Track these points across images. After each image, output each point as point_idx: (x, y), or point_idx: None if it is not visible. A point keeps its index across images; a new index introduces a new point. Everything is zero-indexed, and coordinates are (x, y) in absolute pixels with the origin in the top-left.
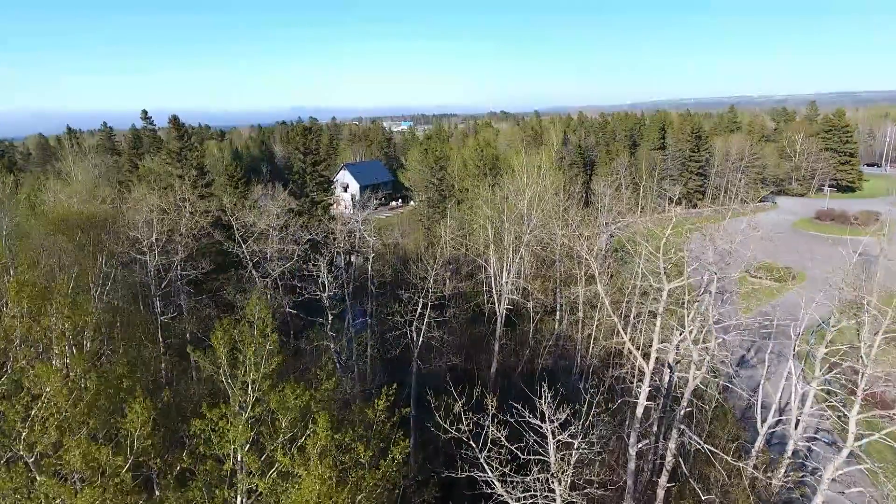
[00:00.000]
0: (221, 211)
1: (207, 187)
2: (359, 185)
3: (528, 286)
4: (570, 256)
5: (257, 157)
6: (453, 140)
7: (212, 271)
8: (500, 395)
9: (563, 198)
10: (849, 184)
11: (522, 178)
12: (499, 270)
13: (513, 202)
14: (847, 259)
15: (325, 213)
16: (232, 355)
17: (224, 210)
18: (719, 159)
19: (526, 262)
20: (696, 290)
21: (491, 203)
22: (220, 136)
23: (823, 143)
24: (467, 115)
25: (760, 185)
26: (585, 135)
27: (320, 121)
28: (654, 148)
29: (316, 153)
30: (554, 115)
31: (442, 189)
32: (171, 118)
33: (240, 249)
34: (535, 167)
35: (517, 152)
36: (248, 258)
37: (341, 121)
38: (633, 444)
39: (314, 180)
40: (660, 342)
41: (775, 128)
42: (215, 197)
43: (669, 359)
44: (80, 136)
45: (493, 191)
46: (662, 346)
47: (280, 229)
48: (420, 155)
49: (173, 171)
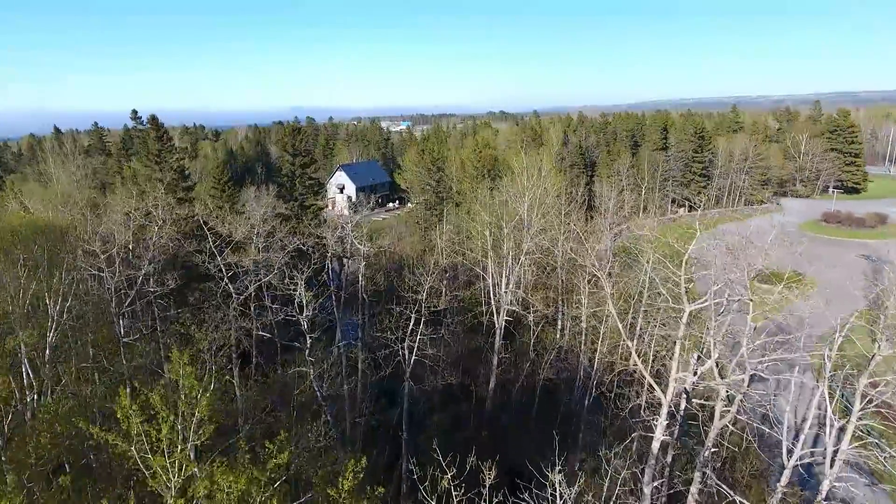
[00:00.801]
0: (195, 218)
1: (188, 191)
2: (355, 186)
3: (529, 298)
4: (572, 264)
5: (252, 157)
6: (451, 140)
7: (183, 286)
8: (500, 408)
9: (564, 201)
10: (854, 185)
11: (522, 180)
12: (498, 280)
13: (513, 207)
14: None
15: (315, 217)
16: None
17: (199, 217)
18: (723, 160)
19: (526, 268)
20: (717, 308)
21: (490, 208)
22: (214, 136)
23: (828, 144)
24: (466, 116)
25: (764, 187)
26: (586, 135)
27: (318, 121)
28: (657, 149)
29: (306, 155)
30: (553, 114)
31: (439, 191)
32: (150, 118)
33: (212, 262)
34: (535, 168)
35: (517, 153)
36: (222, 272)
37: (339, 121)
38: (647, 482)
39: (304, 183)
40: (679, 371)
41: (778, 128)
42: (198, 201)
43: (687, 385)
44: (78, 136)
45: (492, 194)
46: (681, 376)
47: (266, 236)
48: (417, 156)
49: (152, 174)
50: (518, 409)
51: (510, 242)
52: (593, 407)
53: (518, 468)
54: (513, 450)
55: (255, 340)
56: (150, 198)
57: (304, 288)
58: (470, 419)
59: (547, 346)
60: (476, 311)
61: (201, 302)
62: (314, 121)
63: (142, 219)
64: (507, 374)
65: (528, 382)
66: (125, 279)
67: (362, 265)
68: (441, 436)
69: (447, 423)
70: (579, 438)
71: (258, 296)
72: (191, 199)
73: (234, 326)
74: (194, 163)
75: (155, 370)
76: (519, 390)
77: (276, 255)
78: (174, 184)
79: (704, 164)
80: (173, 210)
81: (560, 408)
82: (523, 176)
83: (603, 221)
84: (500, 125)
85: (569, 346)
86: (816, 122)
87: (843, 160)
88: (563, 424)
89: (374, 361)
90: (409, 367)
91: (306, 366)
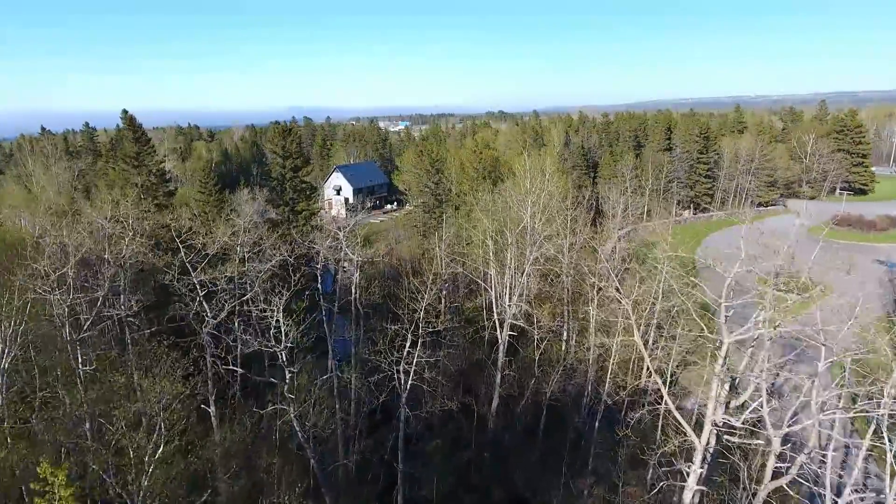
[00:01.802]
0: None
1: (170, 196)
2: (352, 188)
3: (534, 312)
4: (578, 272)
5: (248, 158)
6: (451, 141)
7: (156, 305)
8: (503, 428)
9: (570, 205)
10: (862, 186)
11: (525, 183)
12: (501, 291)
13: (515, 212)
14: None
15: (306, 223)
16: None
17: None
18: (729, 161)
19: (531, 279)
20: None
21: (491, 214)
22: (210, 136)
23: (835, 144)
24: (465, 116)
25: (771, 188)
26: (588, 135)
27: (315, 121)
28: (661, 149)
29: (297, 157)
30: (553, 114)
31: (438, 193)
32: (126, 117)
33: (181, 280)
34: (538, 170)
35: (518, 154)
36: (196, 289)
37: (337, 121)
38: None
39: (295, 187)
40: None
41: (783, 128)
42: (184, 207)
43: (717, 419)
44: (75, 136)
45: (494, 199)
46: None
47: (252, 245)
48: (415, 157)
49: (129, 177)
50: (523, 429)
51: (514, 251)
52: (603, 426)
53: (522, 493)
54: (517, 473)
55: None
56: (121, 205)
57: (283, 314)
58: (471, 439)
59: (553, 360)
60: (478, 325)
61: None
62: (311, 121)
63: (111, 228)
64: (510, 391)
65: (532, 400)
66: (86, 301)
67: (356, 276)
68: (440, 460)
69: (446, 445)
70: (589, 462)
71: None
72: (172, 204)
73: (208, 353)
74: (186, 164)
75: (119, 405)
76: (523, 408)
77: (258, 268)
78: (153, 188)
79: (710, 166)
80: (143, 220)
81: (568, 428)
82: (526, 179)
83: (611, 227)
84: (500, 125)
85: (575, 360)
86: (823, 121)
87: (850, 161)
88: (571, 446)
89: (368, 385)
90: (406, 392)
91: (286, 403)
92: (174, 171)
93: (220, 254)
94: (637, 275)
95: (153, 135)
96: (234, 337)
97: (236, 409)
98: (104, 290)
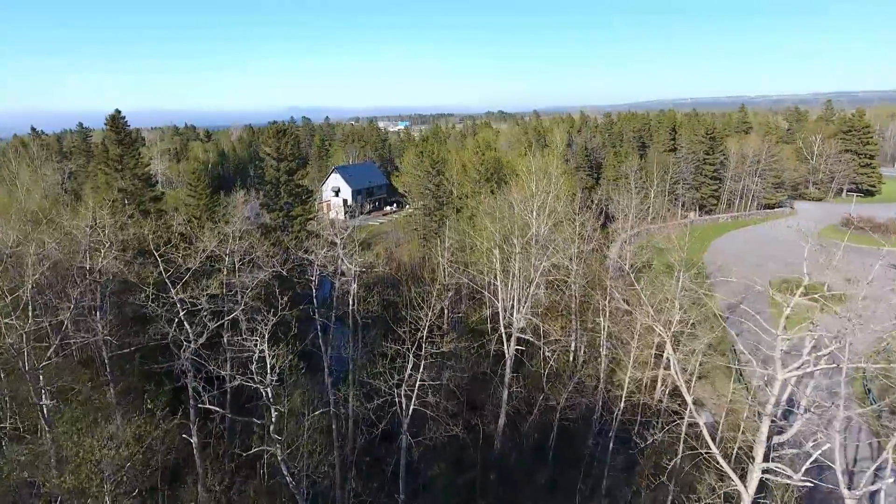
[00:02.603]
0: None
1: (156, 201)
2: (351, 189)
3: (543, 326)
4: (587, 279)
5: (245, 159)
6: (451, 141)
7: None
8: (510, 448)
9: (578, 209)
10: (870, 187)
11: (531, 185)
12: (508, 305)
13: (521, 217)
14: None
15: (301, 229)
16: None
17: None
18: (735, 162)
19: (539, 290)
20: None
21: (497, 220)
22: (206, 137)
23: (842, 145)
24: (465, 116)
25: (778, 190)
26: (591, 136)
27: (314, 121)
28: (666, 150)
29: (292, 159)
30: (554, 114)
31: (439, 195)
32: (108, 117)
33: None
34: (543, 172)
35: (522, 155)
36: (177, 307)
37: (336, 121)
38: None
39: (290, 191)
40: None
41: (788, 128)
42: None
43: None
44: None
45: (498, 203)
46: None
47: (242, 255)
48: (415, 158)
49: (113, 182)
50: (531, 448)
51: (521, 262)
52: (617, 445)
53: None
54: (525, 496)
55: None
56: (96, 214)
57: (268, 344)
58: (476, 459)
59: (562, 375)
60: (483, 338)
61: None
62: (310, 121)
63: (88, 239)
64: (517, 408)
65: (541, 418)
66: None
67: (354, 287)
68: (443, 482)
69: (450, 467)
70: (603, 485)
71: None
72: (159, 210)
73: (189, 380)
74: (180, 165)
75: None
76: (531, 426)
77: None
78: (138, 193)
79: (716, 167)
80: (121, 229)
81: (579, 447)
82: (532, 181)
83: (621, 231)
84: (500, 125)
85: (585, 375)
86: (829, 122)
87: (858, 162)
88: (583, 467)
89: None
90: (408, 418)
91: (272, 444)
92: (168, 172)
93: (205, 265)
94: (652, 283)
95: (149, 135)
96: (218, 362)
97: (221, 443)
98: (71, 311)
